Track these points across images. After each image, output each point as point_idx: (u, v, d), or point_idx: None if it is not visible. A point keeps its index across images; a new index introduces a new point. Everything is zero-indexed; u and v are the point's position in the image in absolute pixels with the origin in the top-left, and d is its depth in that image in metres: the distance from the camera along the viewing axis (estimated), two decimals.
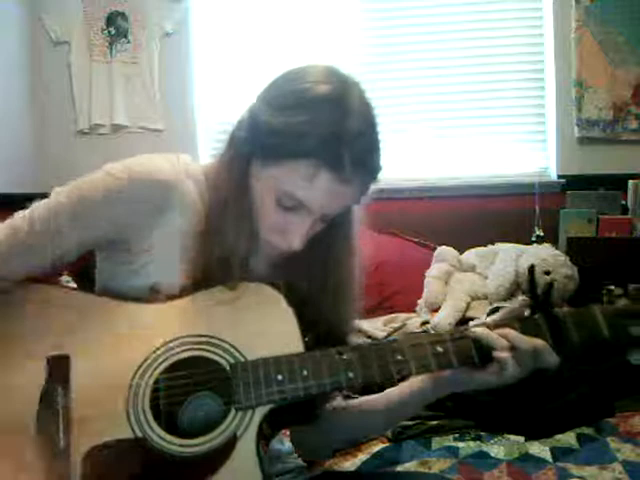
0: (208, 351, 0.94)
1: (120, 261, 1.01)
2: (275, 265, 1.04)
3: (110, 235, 0.99)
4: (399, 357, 0.93)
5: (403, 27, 3.28)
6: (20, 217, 0.98)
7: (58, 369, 0.93)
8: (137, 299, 0.98)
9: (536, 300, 0.95)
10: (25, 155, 3.25)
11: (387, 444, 1.53)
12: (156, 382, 0.92)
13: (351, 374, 0.92)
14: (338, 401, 1.10)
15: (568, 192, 2.96)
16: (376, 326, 2.39)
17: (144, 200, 0.96)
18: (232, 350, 0.94)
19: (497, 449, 1.48)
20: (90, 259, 1.06)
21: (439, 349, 0.93)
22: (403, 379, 0.97)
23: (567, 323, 0.93)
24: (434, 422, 1.60)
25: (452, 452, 1.47)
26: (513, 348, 0.91)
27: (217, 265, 0.96)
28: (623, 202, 2.87)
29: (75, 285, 1.78)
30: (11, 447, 0.90)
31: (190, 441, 0.90)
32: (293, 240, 0.96)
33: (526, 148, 3.24)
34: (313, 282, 1.04)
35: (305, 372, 0.92)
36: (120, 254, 1.00)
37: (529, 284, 0.98)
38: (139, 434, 0.90)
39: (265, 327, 0.95)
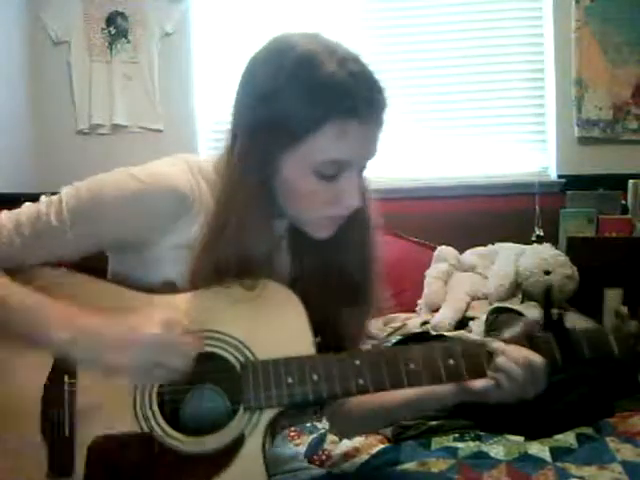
0: (218, 347, 0.93)
1: (134, 256, 1.00)
2: (295, 259, 1.05)
3: (127, 235, 0.98)
4: (412, 366, 0.94)
5: (402, 27, 3.28)
6: (45, 204, 0.97)
7: (64, 358, 0.91)
8: (149, 290, 0.97)
9: (549, 319, 0.97)
10: (25, 155, 3.24)
11: (387, 444, 1.53)
12: None
13: (361, 381, 0.92)
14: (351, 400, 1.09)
15: (568, 192, 2.96)
16: (376, 326, 2.39)
17: (163, 207, 0.96)
18: (242, 348, 0.93)
19: (496, 449, 1.48)
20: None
21: (451, 362, 0.94)
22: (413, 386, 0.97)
23: (579, 340, 0.96)
24: (434, 422, 1.59)
25: (451, 452, 1.47)
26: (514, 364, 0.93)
27: (237, 264, 0.95)
28: (623, 202, 2.86)
29: None
30: (16, 433, 0.89)
31: (197, 438, 0.90)
32: (350, 200, 0.96)
33: (526, 148, 3.23)
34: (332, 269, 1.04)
35: (315, 376, 0.91)
36: (134, 251, 0.99)
37: (544, 303, 0.99)
38: (145, 429, 0.89)
39: (277, 327, 0.95)
